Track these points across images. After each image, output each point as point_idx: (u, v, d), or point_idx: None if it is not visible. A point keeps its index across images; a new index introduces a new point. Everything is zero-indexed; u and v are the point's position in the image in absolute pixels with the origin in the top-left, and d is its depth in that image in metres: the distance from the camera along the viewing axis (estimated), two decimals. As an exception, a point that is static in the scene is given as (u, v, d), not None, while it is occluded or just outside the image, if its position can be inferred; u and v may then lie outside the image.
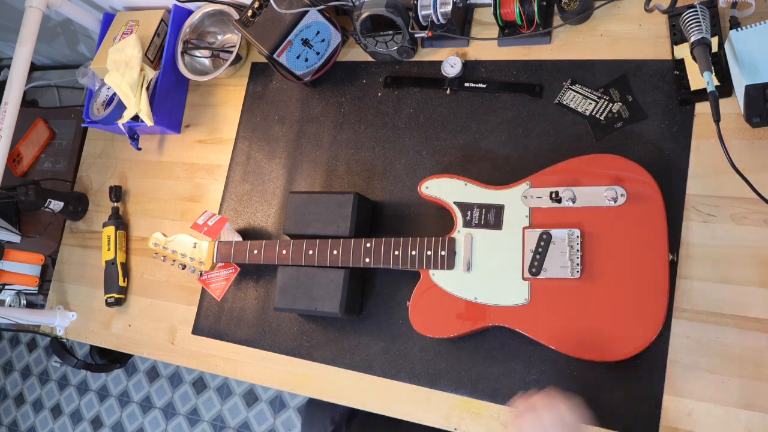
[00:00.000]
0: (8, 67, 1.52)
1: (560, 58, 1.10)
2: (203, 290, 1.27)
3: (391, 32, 1.15)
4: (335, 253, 1.07)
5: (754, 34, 0.87)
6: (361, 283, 1.12)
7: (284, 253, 1.10)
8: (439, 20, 1.10)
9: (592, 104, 1.06)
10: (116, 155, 1.49)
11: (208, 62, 1.44)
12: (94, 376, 2.63)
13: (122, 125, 1.36)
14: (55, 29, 1.71)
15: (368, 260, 1.05)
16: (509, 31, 1.12)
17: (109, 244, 1.37)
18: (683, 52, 0.99)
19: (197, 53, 1.42)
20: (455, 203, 1.03)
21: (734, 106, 0.97)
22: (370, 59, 1.26)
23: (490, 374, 1.01)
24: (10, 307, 1.52)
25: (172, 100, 1.41)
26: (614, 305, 0.91)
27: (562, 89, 1.08)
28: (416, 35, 1.13)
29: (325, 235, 1.10)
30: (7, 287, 1.53)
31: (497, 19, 1.09)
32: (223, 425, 2.32)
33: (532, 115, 1.09)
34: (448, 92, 1.17)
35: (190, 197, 1.37)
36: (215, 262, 1.17)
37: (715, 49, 0.96)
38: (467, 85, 1.15)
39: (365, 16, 1.11)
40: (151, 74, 1.34)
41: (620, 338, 0.90)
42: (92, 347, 1.70)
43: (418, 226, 1.13)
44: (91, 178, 1.52)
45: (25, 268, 1.51)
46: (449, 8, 1.09)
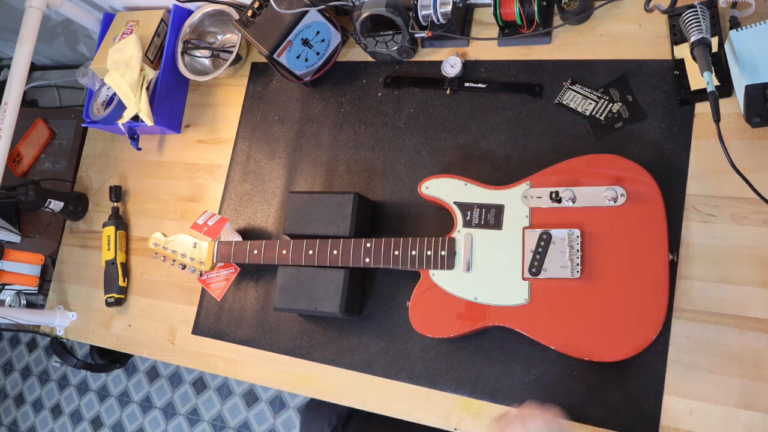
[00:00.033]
0: (8, 67, 1.52)
1: (560, 58, 1.10)
2: (203, 290, 1.27)
3: (391, 32, 1.15)
4: (335, 253, 1.07)
5: (754, 34, 0.87)
6: (361, 283, 1.12)
7: (284, 253, 1.10)
8: (439, 20, 1.10)
9: (592, 104, 1.06)
10: (116, 155, 1.49)
11: (208, 62, 1.44)
12: (94, 376, 2.63)
13: (122, 125, 1.36)
14: (55, 29, 1.71)
15: (368, 260, 1.05)
16: (509, 31, 1.12)
17: (109, 244, 1.37)
18: (683, 52, 0.99)
19: (197, 53, 1.42)
20: (455, 203, 1.03)
21: (734, 106, 0.97)
22: (370, 59, 1.26)
23: (490, 374, 1.01)
24: (10, 307, 1.52)
25: (172, 100, 1.41)
26: (614, 305, 0.91)
27: (562, 89, 1.08)
28: (416, 35, 1.13)
29: (325, 235, 1.10)
30: (7, 287, 1.53)
31: (497, 19, 1.09)
32: (223, 425, 2.32)
33: (532, 115, 1.09)
34: (448, 92, 1.17)
35: (190, 197, 1.37)
36: (215, 262, 1.17)
37: (715, 49, 0.96)
38: (467, 85, 1.15)
39: (365, 16, 1.11)
40: (151, 74, 1.34)
41: (620, 338, 0.90)
42: (92, 347, 1.70)
43: (418, 226, 1.13)
44: (91, 178, 1.52)
45: (25, 268, 1.51)
46: (449, 8, 1.09)
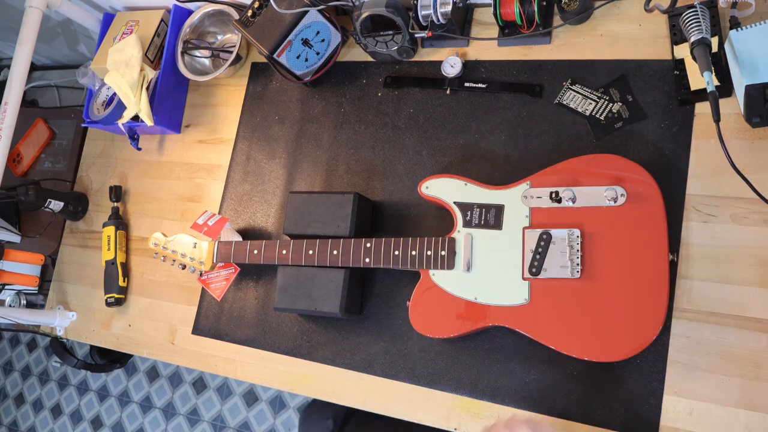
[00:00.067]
0: (8, 67, 1.52)
1: (560, 58, 1.10)
2: (203, 290, 1.27)
3: (391, 32, 1.15)
4: (335, 253, 1.07)
5: (754, 34, 0.87)
6: (361, 283, 1.12)
7: (284, 253, 1.10)
8: (439, 20, 1.10)
9: (592, 104, 1.06)
10: (116, 155, 1.49)
11: (208, 62, 1.44)
12: (94, 376, 2.63)
13: (122, 125, 1.36)
14: (55, 29, 1.71)
15: (368, 260, 1.05)
16: (509, 31, 1.12)
17: (109, 244, 1.37)
18: (683, 52, 0.99)
19: (197, 53, 1.42)
20: (455, 203, 1.03)
21: (734, 106, 0.97)
22: (370, 59, 1.26)
23: (490, 374, 1.01)
24: (10, 307, 1.52)
25: (172, 100, 1.41)
26: (614, 305, 0.91)
27: (562, 89, 1.08)
28: (416, 35, 1.13)
29: (325, 235, 1.10)
30: (7, 287, 1.53)
31: (497, 19, 1.09)
32: (223, 425, 2.32)
33: (532, 115, 1.09)
34: (448, 92, 1.17)
35: (190, 197, 1.37)
36: (215, 262, 1.17)
37: (715, 49, 0.96)
38: (467, 85, 1.15)
39: (365, 16, 1.11)
40: (151, 74, 1.34)
41: (620, 338, 0.90)
42: (92, 347, 1.70)
43: (418, 226, 1.13)
44: (91, 178, 1.52)
45: (25, 268, 1.51)
46: (449, 8, 1.09)
